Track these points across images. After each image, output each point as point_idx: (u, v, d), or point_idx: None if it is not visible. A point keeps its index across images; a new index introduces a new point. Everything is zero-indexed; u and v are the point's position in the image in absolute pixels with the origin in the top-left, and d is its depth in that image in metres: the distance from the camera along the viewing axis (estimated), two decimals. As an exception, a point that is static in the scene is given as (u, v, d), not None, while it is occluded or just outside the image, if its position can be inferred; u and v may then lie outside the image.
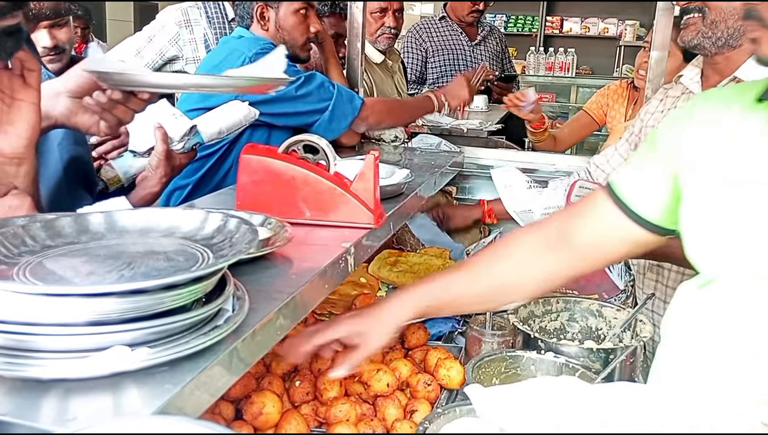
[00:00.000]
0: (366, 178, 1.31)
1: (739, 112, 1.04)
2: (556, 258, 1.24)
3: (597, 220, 1.21)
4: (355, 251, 1.21)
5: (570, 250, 1.22)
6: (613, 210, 1.17)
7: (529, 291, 1.30)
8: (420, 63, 4.22)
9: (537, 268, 1.25)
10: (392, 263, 2.11)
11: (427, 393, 1.47)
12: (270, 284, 0.98)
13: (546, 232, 1.26)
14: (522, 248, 1.26)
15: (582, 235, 1.21)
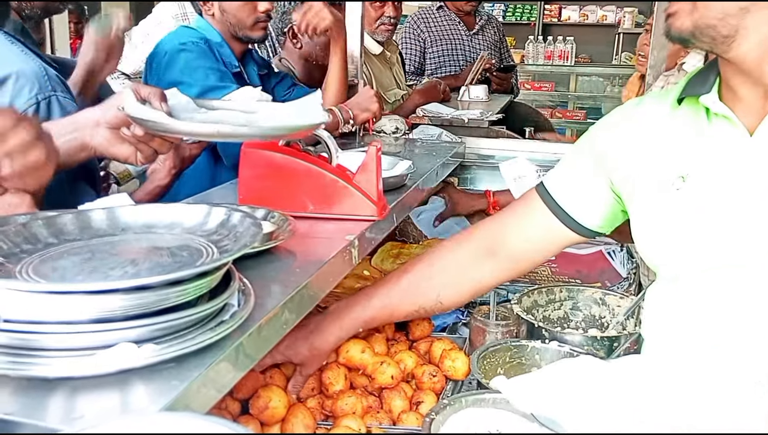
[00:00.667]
0: (369, 170, 1.30)
1: (667, 114, 1.08)
2: (488, 267, 1.31)
3: (532, 226, 1.26)
4: (359, 244, 1.20)
5: (503, 257, 1.28)
6: (548, 216, 1.23)
7: (462, 301, 1.41)
8: (418, 53, 4.19)
9: (469, 282, 1.32)
10: (395, 255, 2.11)
11: (432, 384, 1.47)
12: (275, 278, 0.97)
13: (476, 244, 1.31)
14: (451, 266, 1.32)
15: (517, 241, 1.27)
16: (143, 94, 1.12)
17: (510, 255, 1.28)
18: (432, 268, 1.33)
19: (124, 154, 1.18)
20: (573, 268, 2.08)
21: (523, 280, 2.10)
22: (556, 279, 2.11)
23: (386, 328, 1.69)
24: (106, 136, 1.17)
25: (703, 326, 1.03)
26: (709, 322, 1.02)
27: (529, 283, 2.08)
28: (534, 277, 2.13)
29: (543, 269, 2.10)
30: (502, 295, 2.04)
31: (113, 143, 1.17)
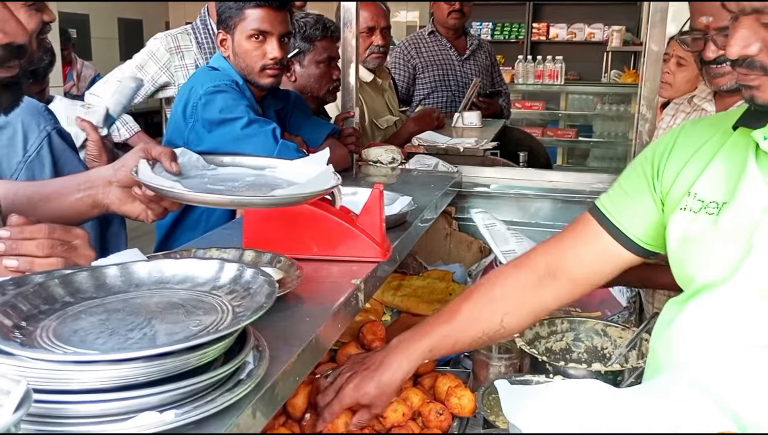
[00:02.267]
0: (372, 213, 1.32)
1: (719, 139, 1.09)
2: (550, 290, 1.29)
3: (588, 248, 1.26)
4: (364, 287, 1.21)
5: (563, 280, 1.27)
6: (604, 236, 1.23)
7: (524, 326, 1.38)
8: (408, 80, 4.21)
9: (531, 305, 1.30)
10: (396, 287, 2.12)
11: (439, 422, 1.47)
12: (286, 329, 0.98)
13: (535, 267, 1.30)
14: (513, 290, 1.30)
15: (575, 264, 1.27)
16: (154, 154, 1.15)
17: (570, 278, 1.27)
18: (493, 292, 1.31)
19: (135, 212, 1.21)
20: (574, 298, 2.10)
21: (524, 311, 2.10)
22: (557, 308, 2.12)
23: (390, 364, 1.69)
24: (118, 196, 1.21)
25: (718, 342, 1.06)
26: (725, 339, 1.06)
27: (529, 313, 2.09)
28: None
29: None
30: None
31: (125, 202, 1.21)
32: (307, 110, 2.47)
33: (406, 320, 1.98)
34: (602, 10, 8.61)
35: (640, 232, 1.21)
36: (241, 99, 2.02)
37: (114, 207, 1.21)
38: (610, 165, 7.30)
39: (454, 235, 2.59)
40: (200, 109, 2.00)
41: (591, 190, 2.52)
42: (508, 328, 1.32)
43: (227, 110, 1.98)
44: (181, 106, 2.07)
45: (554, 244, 1.32)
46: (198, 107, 2.01)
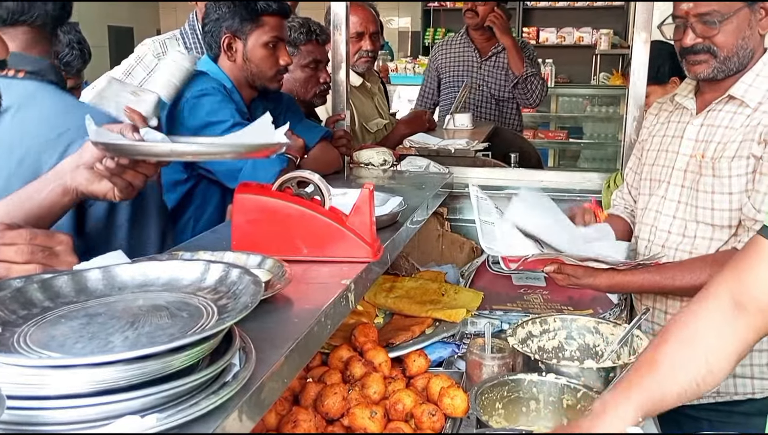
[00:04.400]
0: (362, 212, 1.30)
1: None
2: (743, 323, 1.16)
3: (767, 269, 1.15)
4: (354, 287, 1.20)
5: (753, 311, 1.16)
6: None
7: (731, 366, 1.19)
8: (434, 87, 4.23)
9: (731, 340, 1.17)
10: (388, 289, 2.10)
11: (432, 423, 1.46)
12: (273, 331, 0.96)
13: (720, 303, 1.18)
14: (708, 324, 1.17)
15: (760, 291, 1.15)
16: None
17: (759, 307, 1.15)
18: (688, 331, 1.18)
19: (103, 190, 1.23)
20: (565, 295, 2.08)
21: (517, 310, 2.10)
22: (548, 306, 2.12)
23: (383, 366, 1.68)
24: (85, 176, 1.23)
25: None
26: None
27: (522, 311, 2.08)
28: (527, 305, 2.13)
29: (535, 297, 2.10)
30: (496, 325, 2.04)
31: (92, 181, 1.22)
32: (299, 113, 2.46)
33: (399, 322, 1.97)
34: (590, 15, 8.68)
35: None
36: (228, 103, 2.01)
37: (82, 188, 1.23)
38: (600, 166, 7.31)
39: (447, 235, 2.58)
40: (186, 113, 1.99)
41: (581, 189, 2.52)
42: (716, 371, 1.16)
43: (212, 114, 1.97)
44: (167, 111, 2.06)
45: (731, 273, 1.20)
46: (184, 111, 2.00)
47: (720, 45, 1.65)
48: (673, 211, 1.81)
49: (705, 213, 1.74)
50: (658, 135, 1.91)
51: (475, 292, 2.12)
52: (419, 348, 1.79)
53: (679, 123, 1.85)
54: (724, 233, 1.73)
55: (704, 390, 1.17)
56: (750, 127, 1.65)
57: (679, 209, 1.80)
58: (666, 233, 1.83)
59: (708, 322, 1.17)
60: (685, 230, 1.79)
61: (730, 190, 1.68)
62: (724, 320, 1.16)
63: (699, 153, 1.74)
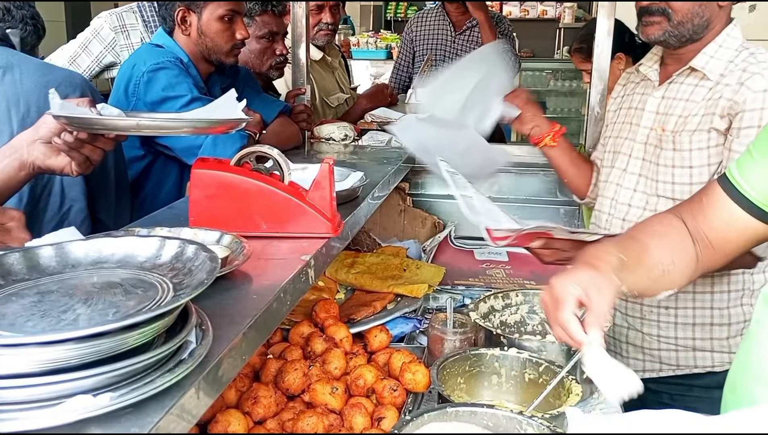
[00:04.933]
0: (322, 187, 1.29)
1: None
2: (699, 247, 1.23)
3: (715, 213, 1.21)
4: (314, 263, 1.19)
5: (702, 243, 1.22)
6: (727, 201, 1.18)
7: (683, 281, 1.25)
8: (407, 56, 4.17)
9: (687, 255, 1.23)
10: (349, 265, 2.10)
11: (393, 398, 1.47)
12: (231, 307, 0.95)
13: (681, 223, 1.24)
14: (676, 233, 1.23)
15: (708, 230, 1.21)
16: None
17: (706, 243, 1.22)
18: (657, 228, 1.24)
19: (60, 164, 1.23)
20: (527, 270, 2.11)
21: (479, 284, 2.11)
22: (511, 281, 2.14)
23: (344, 342, 1.68)
24: (42, 151, 1.22)
25: None
26: None
27: (485, 286, 2.10)
28: (489, 280, 2.15)
29: (497, 272, 2.12)
30: (458, 300, 2.05)
31: (49, 156, 1.22)
32: (256, 87, 2.42)
33: (360, 297, 1.97)
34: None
35: (763, 195, 1.15)
36: (185, 77, 1.97)
37: (39, 162, 1.22)
38: (564, 140, 7.36)
39: (408, 211, 2.58)
40: (142, 87, 1.94)
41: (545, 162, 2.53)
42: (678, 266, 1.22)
43: (170, 88, 1.93)
44: (123, 85, 2.01)
45: (688, 208, 1.27)
46: (140, 85, 1.95)
47: (676, 8, 1.65)
48: (633, 185, 1.82)
49: (665, 187, 1.75)
50: (624, 107, 1.92)
51: (437, 267, 2.13)
52: (381, 323, 1.80)
53: (642, 95, 1.85)
54: None
55: (665, 283, 1.23)
56: (712, 100, 1.65)
57: (639, 183, 1.81)
58: (626, 207, 1.83)
59: (675, 233, 1.23)
60: (646, 204, 1.79)
61: (691, 163, 1.69)
62: (685, 237, 1.22)
63: (659, 126, 1.74)
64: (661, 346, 1.82)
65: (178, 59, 2.01)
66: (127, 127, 1.18)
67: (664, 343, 1.81)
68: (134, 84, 1.96)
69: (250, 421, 1.34)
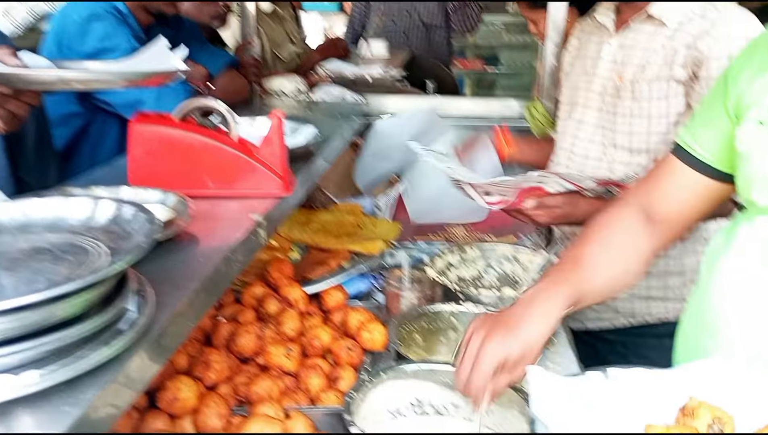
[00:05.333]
0: (272, 143, 1.23)
1: None
2: (650, 232, 1.21)
3: (671, 183, 1.19)
4: (266, 223, 1.13)
5: (659, 221, 1.20)
6: (681, 167, 1.17)
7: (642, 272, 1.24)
8: (363, 8, 4.06)
9: (643, 249, 1.21)
10: (303, 223, 2.04)
11: (350, 358, 1.44)
12: (176, 271, 0.89)
13: (632, 210, 1.22)
14: (624, 232, 1.21)
15: (664, 204, 1.20)
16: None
17: (663, 218, 1.20)
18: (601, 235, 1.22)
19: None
20: (486, 225, 2.08)
21: (439, 240, 2.09)
22: (471, 236, 2.12)
23: (298, 302, 1.64)
24: None
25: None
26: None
27: (445, 242, 2.08)
28: (448, 236, 2.13)
29: (456, 227, 2.10)
30: (415, 256, 2.02)
31: None
32: (201, 39, 2.30)
33: (315, 256, 1.92)
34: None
35: (714, 153, 1.14)
36: (122, 27, 1.84)
37: None
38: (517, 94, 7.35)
39: (363, 167, 2.53)
40: (76, 38, 1.81)
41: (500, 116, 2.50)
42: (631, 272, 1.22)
43: (106, 39, 1.80)
44: (54, 36, 1.87)
45: (643, 186, 1.26)
46: (73, 36, 1.81)
47: None
48: (590, 136, 1.79)
49: (623, 137, 1.72)
50: (580, 57, 1.87)
51: (392, 224, 2.09)
52: (337, 282, 1.75)
53: (598, 43, 1.80)
54: (642, 158, 1.71)
55: (621, 288, 1.23)
56: (671, 48, 1.62)
57: (596, 134, 1.78)
58: (583, 159, 1.81)
59: (622, 228, 1.21)
60: (603, 155, 1.77)
61: (649, 113, 1.66)
62: (636, 227, 1.21)
63: (617, 75, 1.71)
64: (617, 296, 1.83)
65: (114, 8, 1.88)
66: (49, 81, 1.07)
67: (620, 295, 1.81)
68: (67, 35, 1.83)
69: (201, 387, 1.29)
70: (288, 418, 1.21)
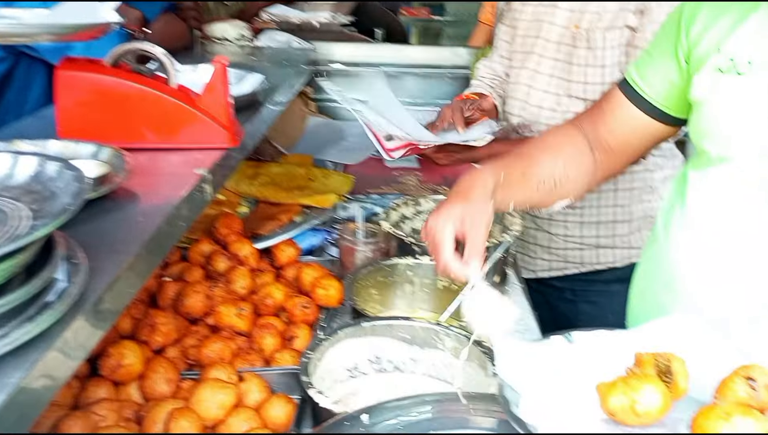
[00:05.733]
0: (216, 91, 1.14)
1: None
2: (592, 159, 1.22)
3: (615, 117, 1.19)
4: (211, 177, 1.05)
5: (601, 150, 1.21)
6: (626, 104, 1.16)
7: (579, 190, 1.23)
8: None
9: (583, 169, 1.21)
10: (252, 176, 1.96)
11: (305, 316, 1.38)
12: (113, 233, 0.82)
13: (578, 133, 1.23)
14: (568, 145, 1.22)
15: (608, 135, 1.20)
16: None
17: (605, 148, 1.21)
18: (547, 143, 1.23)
19: None
20: (440, 175, 2.04)
21: (392, 192, 2.04)
22: (424, 187, 2.08)
23: (249, 259, 1.57)
24: None
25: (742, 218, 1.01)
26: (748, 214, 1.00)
27: (398, 194, 2.03)
28: (402, 188, 2.08)
29: (410, 179, 2.05)
30: (368, 209, 1.97)
31: None
32: None
33: (265, 210, 1.85)
34: None
35: (661, 95, 1.13)
36: None
37: None
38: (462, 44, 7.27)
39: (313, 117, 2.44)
40: None
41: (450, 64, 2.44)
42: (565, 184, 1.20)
43: None
44: None
45: (588, 115, 1.26)
46: None
47: None
48: (545, 86, 1.77)
49: (577, 87, 1.70)
50: (532, 3, 1.82)
51: (345, 176, 2.02)
52: (288, 237, 1.69)
53: None
54: None
55: (556, 195, 1.20)
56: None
57: (551, 84, 1.75)
58: (537, 109, 1.78)
59: (568, 144, 1.22)
60: (557, 105, 1.75)
61: (603, 62, 1.65)
62: (581, 148, 1.21)
63: (573, 24, 1.67)
64: (567, 245, 1.84)
65: None
66: None
67: (570, 243, 1.82)
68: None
69: (147, 351, 1.22)
70: (241, 380, 1.15)
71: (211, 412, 1.05)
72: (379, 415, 0.75)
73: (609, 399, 0.81)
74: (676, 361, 0.87)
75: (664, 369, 0.86)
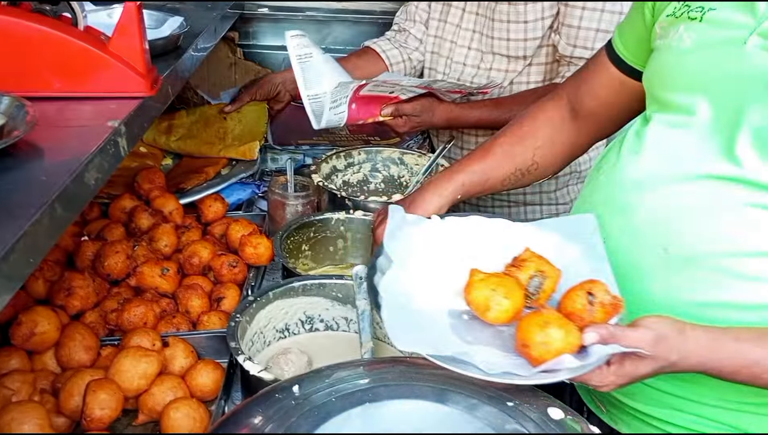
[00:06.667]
0: (129, 34, 1.04)
1: None
2: (576, 126, 1.22)
3: (598, 79, 1.19)
4: (126, 130, 0.97)
5: (585, 115, 1.21)
6: (607, 64, 1.16)
7: (558, 165, 1.27)
8: None
9: (561, 141, 1.23)
10: (166, 130, 1.84)
11: (233, 275, 1.33)
12: (12, 194, 0.74)
13: (560, 104, 1.24)
14: (543, 125, 1.23)
15: (591, 99, 1.20)
16: None
17: (589, 112, 1.20)
18: (523, 129, 1.24)
19: None
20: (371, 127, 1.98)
21: (323, 143, 1.98)
22: (355, 138, 2.02)
23: (174, 215, 1.50)
24: None
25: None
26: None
27: (329, 145, 1.97)
28: (333, 139, 2.02)
29: (341, 130, 1.98)
30: (298, 160, 1.91)
31: None
32: None
33: (190, 163, 1.76)
34: None
35: (635, 55, 1.12)
36: None
37: None
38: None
39: (240, 64, 2.33)
40: None
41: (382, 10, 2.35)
42: (542, 165, 1.24)
43: None
44: None
45: (572, 81, 1.26)
46: None
47: None
48: (468, 42, 1.75)
49: (500, 44, 1.69)
50: None
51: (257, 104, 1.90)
52: (215, 191, 1.61)
53: None
54: (519, 64, 1.70)
55: (527, 180, 1.26)
56: None
57: (474, 40, 1.74)
58: (461, 66, 1.77)
59: (543, 123, 1.24)
60: (481, 62, 1.74)
61: (526, 18, 1.63)
62: (560, 122, 1.23)
63: None
64: (495, 203, 1.87)
65: None
66: None
67: (497, 201, 1.86)
68: None
69: (64, 316, 1.15)
70: (166, 346, 1.10)
71: (133, 382, 0.99)
72: (310, 385, 0.71)
73: (473, 290, 0.88)
74: (553, 277, 0.90)
75: (537, 274, 0.90)
